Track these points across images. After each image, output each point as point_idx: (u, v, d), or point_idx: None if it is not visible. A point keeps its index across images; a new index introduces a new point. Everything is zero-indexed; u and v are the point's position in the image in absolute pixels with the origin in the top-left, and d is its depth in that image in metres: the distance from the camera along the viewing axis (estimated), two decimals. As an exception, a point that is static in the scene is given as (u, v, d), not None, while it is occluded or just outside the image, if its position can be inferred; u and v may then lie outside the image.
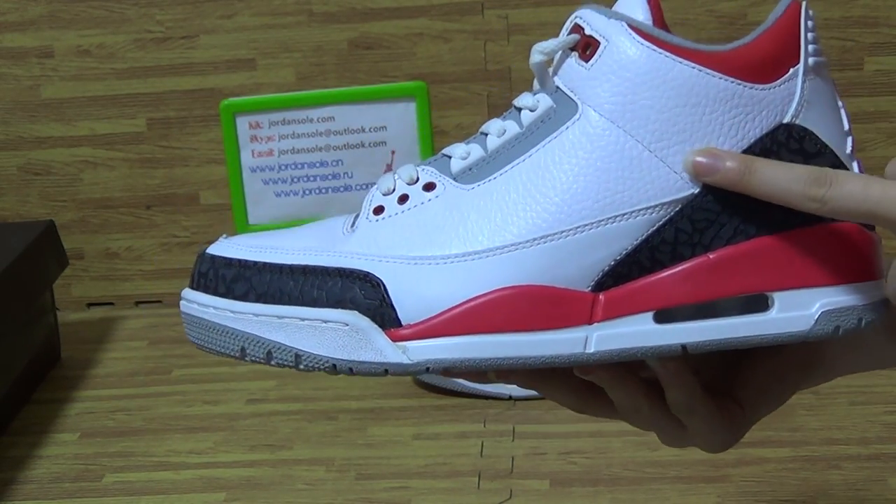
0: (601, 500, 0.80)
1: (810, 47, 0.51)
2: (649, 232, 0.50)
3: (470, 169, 0.52)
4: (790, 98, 0.51)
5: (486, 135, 0.53)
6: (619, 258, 0.50)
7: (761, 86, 0.50)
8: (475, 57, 1.15)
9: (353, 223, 0.53)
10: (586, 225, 0.49)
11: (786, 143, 0.50)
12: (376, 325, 0.49)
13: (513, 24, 1.14)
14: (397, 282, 0.50)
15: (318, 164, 1.05)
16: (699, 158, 0.49)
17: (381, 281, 0.50)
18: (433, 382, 0.97)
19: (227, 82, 1.17)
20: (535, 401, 0.95)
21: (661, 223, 0.50)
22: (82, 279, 1.23)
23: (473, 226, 0.50)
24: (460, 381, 0.95)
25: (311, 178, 1.05)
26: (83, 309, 1.24)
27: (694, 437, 0.54)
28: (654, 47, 0.50)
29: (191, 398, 1.00)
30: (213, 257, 0.53)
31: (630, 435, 0.88)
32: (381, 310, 0.50)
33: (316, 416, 0.95)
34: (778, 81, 0.50)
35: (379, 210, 0.52)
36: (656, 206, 0.50)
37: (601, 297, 0.50)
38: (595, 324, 0.49)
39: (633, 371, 0.53)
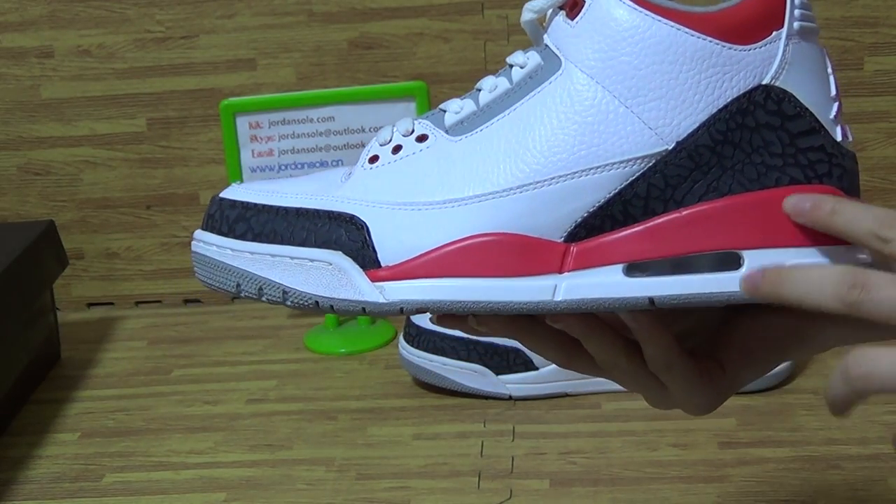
0: (601, 500, 0.80)
1: (797, 12, 0.51)
2: (622, 185, 0.50)
3: (462, 122, 0.53)
4: (770, 60, 0.51)
5: (480, 90, 0.54)
6: (591, 210, 0.51)
7: (741, 46, 0.51)
8: (475, 57, 1.15)
9: (351, 172, 0.55)
10: (561, 176, 0.51)
11: (763, 103, 0.51)
12: (357, 266, 0.51)
13: (513, 24, 1.14)
14: (380, 225, 0.52)
15: (318, 164, 1.05)
16: (792, 200, 0.50)
17: (364, 223, 0.52)
18: (433, 382, 0.97)
19: (227, 82, 1.17)
20: (534, 401, 0.95)
21: (633, 177, 0.51)
22: (82, 279, 1.23)
23: (457, 175, 0.52)
24: (460, 380, 0.95)
25: (311, 178, 1.05)
26: (83, 309, 1.24)
27: (675, 397, 0.55)
28: (635, 6, 0.51)
29: (191, 398, 1.00)
30: (221, 200, 0.55)
31: (630, 435, 0.88)
32: (362, 251, 0.51)
33: (316, 416, 0.95)
34: (759, 43, 0.51)
35: (374, 159, 0.54)
36: (630, 160, 0.50)
37: (573, 247, 0.51)
38: (565, 273, 0.51)
39: (610, 326, 0.53)
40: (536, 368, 0.94)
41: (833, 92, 0.52)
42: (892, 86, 1.12)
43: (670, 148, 0.50)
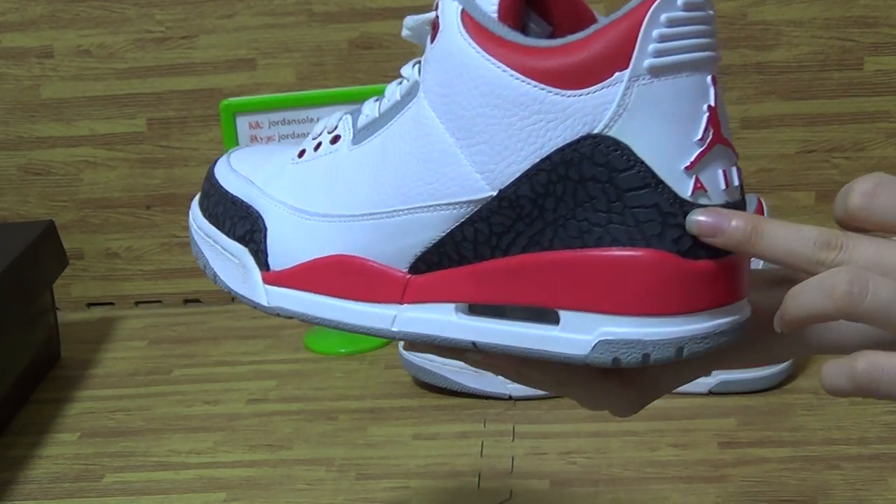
0: (601, 500, 0.80)
1: (654, 46, 0.45)
2: (453, 227, 0.49)
3: (366, 128, 0.53)
4: (605, 106, 0.45)
5: (384, 96, 0.53)
6: (428, 247, 0.50)
7: (570, 92, 0.46)
8: (475, 57, 1.15)
9: (293, 157, 0.56)
10: (400, 210, 0.50)
11: (590, 155, 0.46)
12: (257, 265, 0.54)
13: (513, 24, 1.14)
14: (276, 227, 0.53)
15: (318, 164, 1.05)
16: (702, 218, 0.45)
17: (265, 225, 0.54)
18: (433, 382, 0.97)
19: (227, 82, 1.17)
20: (535, 401, 0.95)
21: (462, 220, 0.49)
22: (82, 279, 1.23)
23: (338, 190, 0.52)
24: (460, 380, 0.95)
25: (311, 178, 1.05)
26: (83, 309, 1.24)
27: (590, 403, 0.55)
28: (470, 40, 0.47)
29: (191, 398, 1.00)
30: (211, 169, 0.58)
31: (630, 435, 0.88)
32: (258, 251, 0.54)
33: (316, 416, 0.95)
34: (592, 88, 0.45)
35: (302, 153, 0.55)
36: (457, 203, 0.49)
37: (413, 280, 0.51)
38: (405, 304, 0.51)
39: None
40: (536, 368, 0.94)
41: (698, 135, 0.46)
42: (892, 86, 1.12)
43: (494, 195, 0.48)
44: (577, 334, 0.47)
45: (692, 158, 0.45)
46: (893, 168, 1.14)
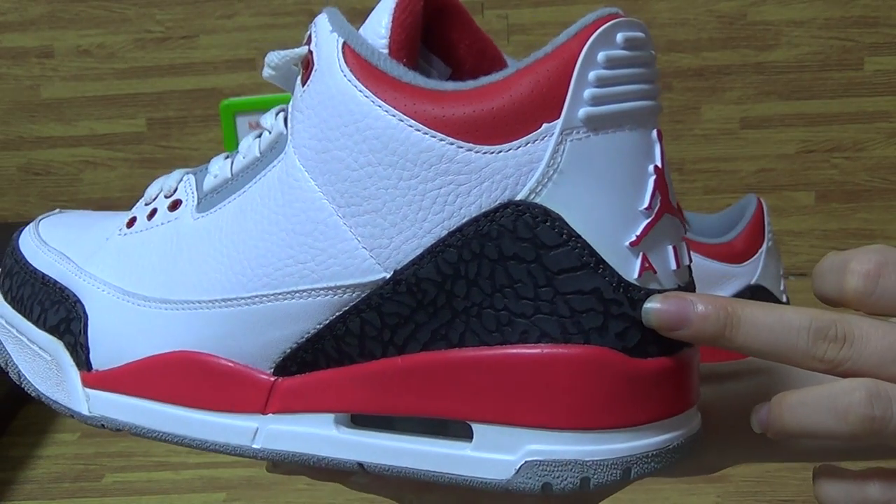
0: (602, 500, 0.80)
1: (590, 92, 0.36)
2: (333, 317, 0.39)
3: (216, 191, 0.43)
4: (531, 167, 0.36)
5: (239, 152, 0.44)
6: (300, 342, 0.40)
7: (487, 147, 0.36)
8: (475, 57, 1.15)
9: (120, 227, 0.45)
10: (264, 296, 0.40)
11: (512, 228, 0.36)
12: (74, 363, 0.43)
13: (513, 24, 1.14)
14: (100, 317, 0.43)
15: (318, 164, 1.05)
16: (662, 305, 0.36)
17: (86, 312, 0.43)
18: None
19: (227, 82, 1.17)
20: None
21: (346, 309, 0.39)
22: (82, 279, 1.23)
23: (179, 269, 0.42)
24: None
25: (311, 178, 1.05)
26: (83, 309, 1.24)
27: None
28: (355, 80, 0.38)
29: (191, 398, 1.00)
30: (14, 238, 0.48)
31: (630, 435, 0.88)
32: (78, 345, 0.43)
33: (316, 416, 0.95)
34: (515, 143, 0.36)
35: (132, 222, 0.45)
36: (339, 287, 0.39)
37: (280, 383, 0.40)
38: (269, 415, 0.40)
39: None
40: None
41: (644, 202, 0.37)
42: (892, 86, 1.12)
43: (387, 277, 0.38)
44: (496, 453, 0.37)
45: (638, 232, 0.37)
46: (893, 168, 1.14)
